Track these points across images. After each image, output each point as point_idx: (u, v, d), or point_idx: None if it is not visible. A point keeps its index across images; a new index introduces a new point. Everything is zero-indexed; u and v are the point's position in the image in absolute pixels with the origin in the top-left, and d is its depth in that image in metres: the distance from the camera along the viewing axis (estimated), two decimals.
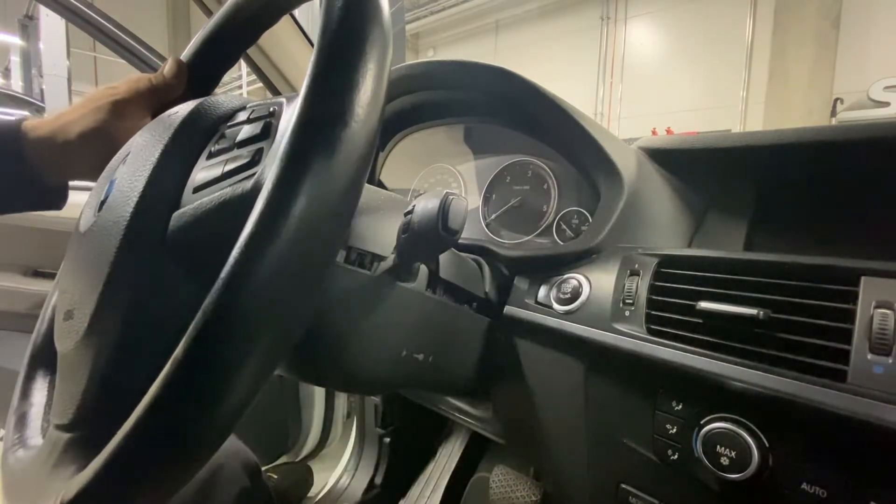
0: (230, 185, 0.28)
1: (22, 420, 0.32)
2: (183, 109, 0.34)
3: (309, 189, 0.22)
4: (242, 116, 0.33)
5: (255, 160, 0.28)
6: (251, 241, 0.21)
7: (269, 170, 0.23)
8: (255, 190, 0.26)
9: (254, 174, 0.28)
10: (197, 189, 0.30)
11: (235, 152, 0.30)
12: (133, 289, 0.29)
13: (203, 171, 0.30)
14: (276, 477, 1.02)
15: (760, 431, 0.33)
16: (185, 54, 0.47)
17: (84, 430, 0.28)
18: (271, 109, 0.31)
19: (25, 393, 0.35)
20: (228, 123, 0.33)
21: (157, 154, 0.31)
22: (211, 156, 0.31)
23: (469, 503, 0.83)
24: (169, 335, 0.23)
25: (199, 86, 0.47)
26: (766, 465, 0.32)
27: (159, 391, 0.21)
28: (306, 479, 1.07)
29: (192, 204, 0.29)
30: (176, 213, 0.29)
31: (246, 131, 0.31)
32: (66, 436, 0.28)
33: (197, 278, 0.28)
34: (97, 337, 0.28)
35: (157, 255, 0.29)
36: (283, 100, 0.32)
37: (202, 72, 0.47)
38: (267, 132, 0.30)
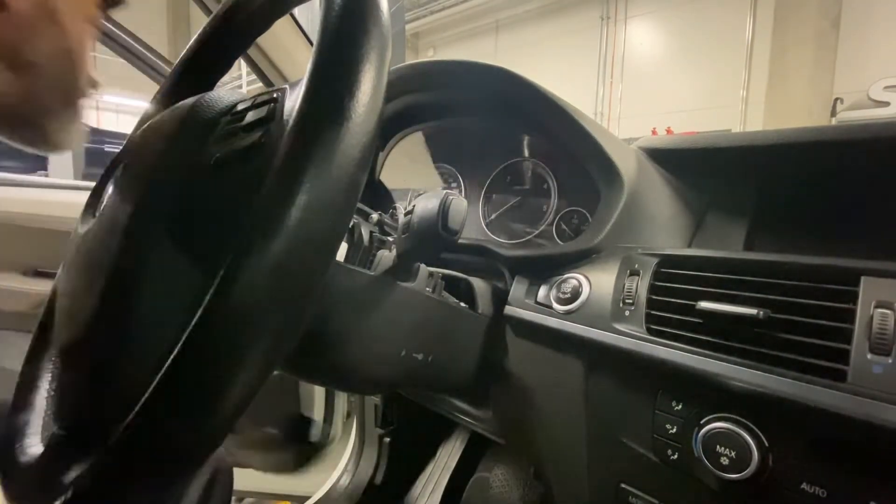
0: (239, 167, 0.28)
1: (22, 430, 0.32)
2: (184, 105, 0.34)
3: (308, 192, 0.22)
4: (245, 105, 0.33)
5: (261, 141, 0.29)
6: (250, 241, 0.21)
7: (276, 150, 0.23)
8: (264, 171, 0.26)
9: (261, 155, 0.28)
10: (204, 174, 0.30)
11: (241, 136, 0.30)
12: (137, 285, 0.29)
13: (209, 158, 0.30)
14: None
15: (760, 431, 0.33)
16: (184, 55, 0.47)
17: (88, 429, 0.28)
18: (275, 95, 0.31)
19: (25, 402, 0.34)
20: (231, 113, 0.33)
21: (160, 148, 0.31)
22: (216, 143, 0.31)
23: (469, 503, 0.83)
24: (172, 332, 0.23)
25: (199, 87, 0.47)
26: (765, 465, 0.32)
27: (157, 392, 0.21)
28: None
29: (200, 189, 0.29)
30: (184, 200, 0.29)
31: (251, 115, 0.31)
32: (71, 434, 0.28)
33: (203, 268, 0.28)
34: (101, 335, 0.28)
35: (162, 249, 0.29)
36: (286, 86, 0.32)
37: (201, 72, 0.47)
38: (272, 115, 0.30)
